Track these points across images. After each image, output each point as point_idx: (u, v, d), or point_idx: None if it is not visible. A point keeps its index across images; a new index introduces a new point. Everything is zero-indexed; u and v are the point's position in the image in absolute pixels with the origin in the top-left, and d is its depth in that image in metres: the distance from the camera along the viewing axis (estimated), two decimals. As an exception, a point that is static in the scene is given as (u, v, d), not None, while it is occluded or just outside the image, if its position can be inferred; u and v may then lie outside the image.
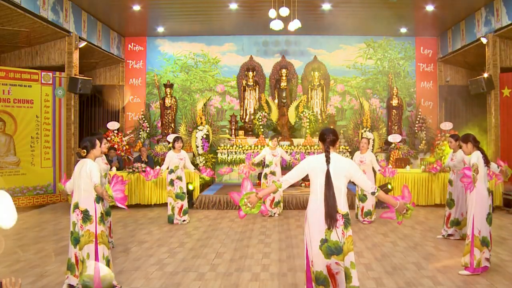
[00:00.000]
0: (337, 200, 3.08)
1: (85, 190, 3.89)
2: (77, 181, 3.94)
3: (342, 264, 3.10)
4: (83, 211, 3.86)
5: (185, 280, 4.29)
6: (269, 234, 6.38)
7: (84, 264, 3.79)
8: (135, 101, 12.23)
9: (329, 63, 12.04)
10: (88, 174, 3.86)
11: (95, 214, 3.88)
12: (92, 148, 4.04)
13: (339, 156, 3.23)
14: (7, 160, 8.64)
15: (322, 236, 3.07)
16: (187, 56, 12.25)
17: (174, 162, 7.01)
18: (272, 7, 7.73)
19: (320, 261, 3.08)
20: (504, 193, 8.26)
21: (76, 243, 3.86)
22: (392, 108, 11.46)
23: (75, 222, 3.89)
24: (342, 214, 3.11)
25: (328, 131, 3.28)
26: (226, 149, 10.54)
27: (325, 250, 3.07)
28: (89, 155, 4.03)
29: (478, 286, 4.03)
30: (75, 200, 3.94)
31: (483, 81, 9.19)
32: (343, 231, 3.11)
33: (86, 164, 3.91)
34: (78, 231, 3.86)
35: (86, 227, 3.84)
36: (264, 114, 11.17)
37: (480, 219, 4.43)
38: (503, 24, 8.59)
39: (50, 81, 9.26)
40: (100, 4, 9.50)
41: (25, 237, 6.20)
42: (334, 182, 3.09)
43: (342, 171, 3.14)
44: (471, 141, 4.70)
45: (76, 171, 4.00)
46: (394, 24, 10.97)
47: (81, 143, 4.11)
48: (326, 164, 3.13)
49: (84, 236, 3.83)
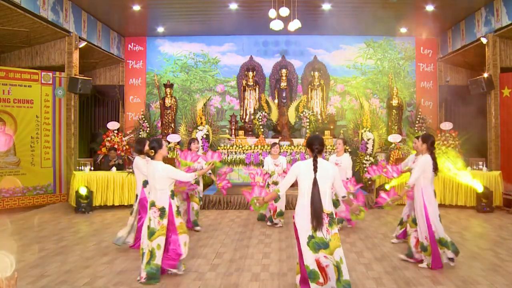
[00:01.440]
0: (323, 201, 3.43)
1: (160, 189, 4.25)
2: (152, 182, 4.30)
3: (330, 258, 3.42)
4: (160, 209, 4.23)
5: (186, 280, 4.29)
6: (269, 234, 6.38)
7: (154, 253, 4.15)
8: (135, 101, 12.22)
9: (329, 63, 12.03)
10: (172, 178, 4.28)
11: (170, 210, 4.27)
12: (160, 148, 4.31)
13: (326, 162, 3.60)
14: (7, 160, 8.64)
15: (309, 233, 3.44)
16: (187, 56, 12.25)
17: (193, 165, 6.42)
18: (272, 7, 7.73)
19: (309, 256, 3.42)
20: (504, 193, 8.26)
21: (151, 236, 4.19)
22: (392, 108, 11.46)
23: (151, 218, 4.23)
24: (327, 213, 3.46)
25: (316, 141, 3.57)
26: (226, 149, 10.54)
27: (312, 246, 3.42)
28: (157, 155, 4.31)
29: (478, 286, 4.03)
30: (151, 198, 4.30)
31: (483, 81, 9.19)
32: (327, 228, 3.45)
33: (158, 167, 4.23)
34: (155, 226, 4.21)
35: (162, 222, 4.22)
36: (264, 114, 11.17)
37: (434, 220, 4.53)
38: (503, 24, 8.60)
39: (50, 81, 9.27)
40: (100, 4, 9.50)
41: (25, 237, 6.20)
42: (320, 186, 3.43)
43: (328, 176, 3.51)
44: (427, 143, 4.68)
45: (150, 173, 4.32)
46: (394, 24, 10.97)
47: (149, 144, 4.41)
48: (313, 173, 3.46)
49: (159, 230, 4.21)
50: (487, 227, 6.84)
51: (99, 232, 6.54)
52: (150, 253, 4.16)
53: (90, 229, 6.85)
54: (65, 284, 4.16)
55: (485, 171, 8.62)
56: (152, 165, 4.29)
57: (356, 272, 4.51)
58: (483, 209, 8.04)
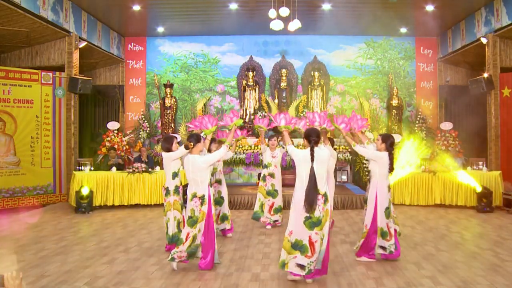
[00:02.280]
0: (319, 184, 3.93)
1: (201, 181, 4.53)
2: (192, 176, 4.54)
3: (319, 233, 3.94)
4: (200, 197, 4.51)
5: (185, 280, 4.29)
6: (269, 234, 6.38)
7: (196, 237, 4.46)
8: (135, 101, 12.22)
9: (329, 63, 12.03)
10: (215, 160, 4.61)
11: (209, 197, 4.54)
12: (198, 142, 4.58)
13: (323, 149, 4.06)
14: (7, 160, 8.65)
15: (307, 215, 3.92)
16: (187, 56, 12.25)
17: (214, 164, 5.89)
18: (272, 7, 7.72)
19: (304, 233, 3.93)
20: (504, 193, 8.26)
21: (192, 224, 4.48)
22: (392, 108, 11.46)
23: (194, 208, 4.50)
24: (322, 194, 3.96)
25: (313, 133, 4.02)
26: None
27: (308, 224, 3.93)
28: (195, 149, 4.57)
29: (478, 286, 4.03)
30: (192, 190, 4.56)
31: (483, 81, 9.19)
32: (323, 207, 3.95)
33: (196, 161, 4.51)
34: (198, 214, 4.49)
35: (202, 209, 4.50)
36: (264, 114, 11.17)
37: (380, 211, 4.84)
38: (503, 24, 8.60)
39: (50, 81, 9.27)
40: (100, 4, 9.50)
41: (25, 237, 6.19)
42: (317, 171, 3.91)
43: (324, 160, 4.00)
44: (387, 143, 4.90)
45: (188, 168, 4.55)
46: (394, 24, 10.96)
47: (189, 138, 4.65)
48: (311, 161, 3.91)
49: (200, 217, 4.48)
50: (487, 227, 6.84)
51: (99, 232, 6.54)
52: (193, 238, 4.45)
53: (90, 229, 6.85)
54: (65, 284, 4.16)
55: (485, 171, 8.62)
56: (190, 160, 4.54)
57: (356, 272, 4.51)
58: (483, 209, 8.04)
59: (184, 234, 4.52)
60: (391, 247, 4.86)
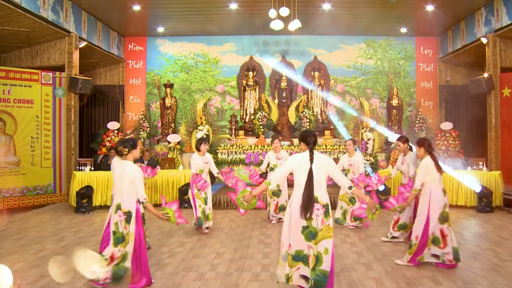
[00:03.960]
0: (318, 192, 3.49)
1: (127, 192, 3.99)
2: (119, 183, 4.03)
3: (315, 248, 3.46)
4: (126, 213, 3.97)
5: (185, 280, 4.29)
6: (269, 234, 6.38)
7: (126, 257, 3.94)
8: (135, 101, 12.22)
9: (329, 63, 12.03)
10: (133, 184, 3.96)
11: (137, 214, 4.01)
12: (133, 148, 4.09)
13: (321, 155, 3.64)
14: (7, 160, 8.65)
15: (304, 224, 3.47)
16: (187, 56, 12.25)
17: (199, 166, 6.42)
18: (272, 7, 7.73)
19: (302, 243, 3.49)
20: (504, 193, 8.26)
21: (119, 242, 3.94)
22: (392, 108, 11.46)
23: (118, 223, 3.98)
24: (323, 205, 3.49)
25: (310, 134, 3.66)
26: (226, 149, 10.54)
27: (306, 235, 3.48)
28: (129, 155, 4.07)
29: (478, 286, 4.03)
30: (117, 201, 4.02)
31: (483, 81, 9.19)
32: (322, 219, 3.47)
33: (127, 168, 3.98)
34: (122, 231, 3.96)
35: (129, 227, 3.96)
36: (264, 114, 11.17)
37: (433, 219, 4.57)
38: (503, 24, 8.60)
39: (50, 81, 9.27)
40: (100, 4, 9.50)
41: (25, 237, 6.19)
42: (315, 176, 3.48)
43: (323, 168, 3.55)
44: (424, 146, 4.77)
45: (117, 173, 4.06)
46: (394, 24, 10.97)
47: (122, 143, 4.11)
48: (309, 163, 3.50)
49: (128, 235, 3.96)
50: (487, 227, 6.84)
51: (99, 232, 6.52)
52: (122, 256, 3.95)
53: (90, 229, 6.85)
54: (65, 284, 4.16)
55: (485, 171, 8.62)
56: (121, 165, 4.07)
57: (356, 272, 4.51)
58: (483, 209, 8.04)
59: (108, 254, 3.96)
60: (444, 256, 4.55)
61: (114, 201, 4.09)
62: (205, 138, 6.87)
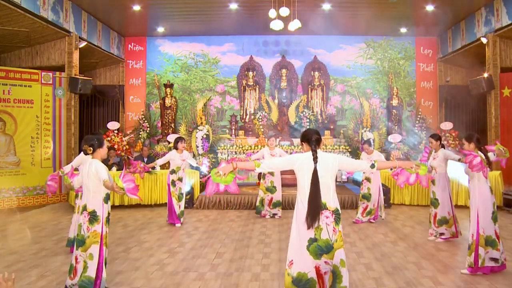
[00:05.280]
0: (326, 197, 3.06)
1: (93, 191, 3.78)
2: (86, 182, 3.83)
3: (331, 262, 3.02)
4: (90, 212, 3.76)
5: (185, 280, 4.29)
6: (269, 234, 6.38)
7: (86, 265, 3.66)
8: (135, 101, 12.23)
9: (329, 63, 12.04)
10: (95, 174, 3.71)
11: (102, 215, 3.78)
12: (100, 147, 3.89)
13: (324, 153, 3.21)
14: (7, 160, 8.64)
15: (311, 236, 3.00)
16: (187, 56, 12.26)
17: (177, 163, 6.83)
18: (272, 7, 7.74)
19: (308, 262, 3.00)
20: (504, 193, 8.26)
21: (80, 245, 3.72)
22: (392, 108, 11.46)
23: (81, 224, 3.77)
24: (332, 211, 3.06)
25: (312, 132, 3.26)
26: (226, 149, 10.54)
27: (313, 250, 2.99)
28: (95, 154, 3.88)
29: (478, 286, 4.03)
30: (83, 201, 3.84)
31: (483, 81, 9.20)
32: (334, 227, 3.04)
33: (92, 165, 3.77)
34: (84, 233, 3.73)
35: (92, 228, 3.73)
36: (264, 114, 11.17)
37: (483, 217, 4.42)
38: (503, 24, 8.60)
39: (50, 81, 9.27)
40: (100, 4, 9.50)
41: (25, 237, 6.19)
42: (321, 180, 3.05)
43: (329, 167, 3.13)
44: (474, 141, 4.61)
45: (84, 171, 3.87)
46: (394, 24, 10.98)
47: (88, 141, 3.89)
48: (313, 163, 3.08)
49: (89, 238, 3.71)
50: (487, 227, 6.83)
51: (99, 232, 6.53)
52: (85, 263, 3.67)
53: (90, 229, 6.84)
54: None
55: (485, 171, 8.60)
56: (87, 163, 3.88)
57: (356, 272, 4.51)
58: (483, 209, 8.02)
59: (73, 257, 3.74)
60: (502, 256, 4.42)
61: (81, 202, 3.89)
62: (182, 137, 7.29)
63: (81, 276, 3.64)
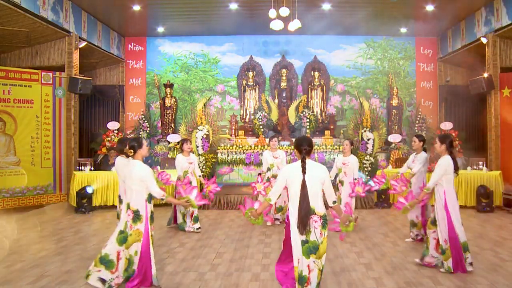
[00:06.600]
0: (315, 203, 3.33)
1: (136, 191, 3.94)
2: (128, 182, 4.00)
3: (317, 262, 3.33)
4: (134, 211, 3.92)
5: (185, 280, 4.29)
6: (269, 234, 6.38)
7: (131, 260, 3.89)
8: (135, 101, 12.22)
9: (329, 63, 12.03)
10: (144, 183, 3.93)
11: (145, 214, 3.95)
12: (139, 148, 4.07)
13: (315, 163, 3.46)
14: (7, 160, 8.64)
15: (303, 238, 3.33)
16: (187, 56, 12.25)
17: (184, 166, 6.45)
18: (272, 7, 7.73)
19: (303, 262, 3.32)
20: (504, 193, 8.26)
21: (122, 242, 3.89)
22: (392, 108, 11.46)
23: (126, 222, 3.93)
24: (320, 216, 3.34)
25: (304, 142, 3.44)
26: (226, 149, 10.53)
27: (305, 250, 3.32)
28: (136, 155, 4.05)
29: (478, 286, 4.03)
30: (127, 200, 4.00)
31: (483, 81, 9.20)
32: (321, 231, 3.34)
33: (135, 167, 3.96)
34: (128, 230, 3.90)
35: (135, 227, 3.90)
36: (264, 114, 11.16)
37: (457, 224, 4.43)
38: (503, 24, 8.60)
39: (50, 81, 9.27)
40: (100, 4, 9.50)
41: (25, 237, 6.19)
42: (310, 188, 3.31)
43: (317, 178, 3.38)
44: (446, 143, 4.55)
45: (126, 172, 4.04)
46: (394, 24, 10.97)
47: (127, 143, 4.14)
48: (302, 174, 3.32)
49: (132, 236, 3.89)
50: (487, 227, 6.84)
51: (99, 232, 6.54)
52: (128, 260, 3.90)
53: (90, 229, 6.85)
54: (65, 284, 4.16)
55: (485, 171, 8.62)
56: (130, 164, 4.06)
57: (356, 272, 4.51)
58: (483, 209, 8.04)
59: (113, 252, 3.90)
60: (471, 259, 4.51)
61: (124, 201, 4.10)
62: (187, 138, 6.95)
63: (127, 269, 3.89)
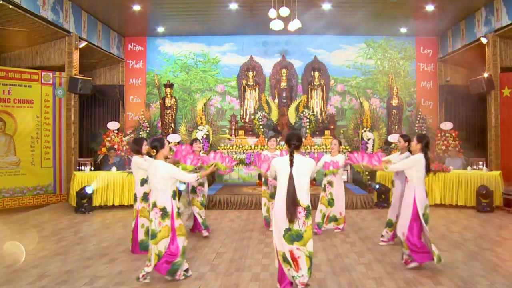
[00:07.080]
0: (300, 195, 3.58)
1: (161, 190, 4.12)
2: (153, 182, 4.17)
3: (302, 249, 3.59)
4: (161, 209, 4.10)
5: (186, 280, 4.29)
6: (269, 234, 6.37)
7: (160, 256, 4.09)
8: (135, 101, 12.23)
9: (329, 63, 12.04)
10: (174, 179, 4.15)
11: (172, 210, 4.14)
12: (161, 148, 4.24)
13: (302, 158, 3.71)
14: (7, 160, 8.65)
15: (286, 226, 3.59)
16: (187, 56, 12.26)
17: None
18: (272, 7, 7.73)
19: (285, 247, 3.60)
20: (504, 193, 8.26)
21: (152, 238, 4.10)
22: (392, 108, 11.47)
23: (153, 219, 4.12)
24: (304, 207, 3.60)
25: (293, 137, 3.70)
26: (226, 149, 10.54)
27: (288, 238, 3.59)
28: (159, 154, 4.23)
29: (478, 286, 4.03)
30: (152, 199, 4.18)
31: (483, 81, 9.20)
32: (304, 221, 3.60)
33: (159, 167, 4.12)
34: (156, 227, 4.09)
35: (164, 223, 4.10)
36: (264, 114, 11.17)
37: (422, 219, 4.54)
38: (503, 24, 8.60)
39: (50, 81, 9.27)
40: (100, 4, 9.50)
41: (25, 237, 6.19)
42: (296, 180, 3.56)
43: (304, 171, 3.63)
44: (422, 143, 4.65)
45: (151, 172, 4.19)
46: (394, 24, 10.98)
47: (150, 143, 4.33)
48: (289, 167, 3.58)
49: (161, 232, 4.09)
50: (487, 227, 6.84)
51: (99, 232, 6.54)
52: (157, 256, 4.10)
53: (90, 229, 6.85)
54: (65, 284, 4.16)
55: (485, 171, 8.61)
56: (153, 165, 4.21)
57: (356, 272, 4.51)
58: (483, 209, 8.04)
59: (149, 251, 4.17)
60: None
61: (150, 200, 4.25)
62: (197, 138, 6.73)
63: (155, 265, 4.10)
